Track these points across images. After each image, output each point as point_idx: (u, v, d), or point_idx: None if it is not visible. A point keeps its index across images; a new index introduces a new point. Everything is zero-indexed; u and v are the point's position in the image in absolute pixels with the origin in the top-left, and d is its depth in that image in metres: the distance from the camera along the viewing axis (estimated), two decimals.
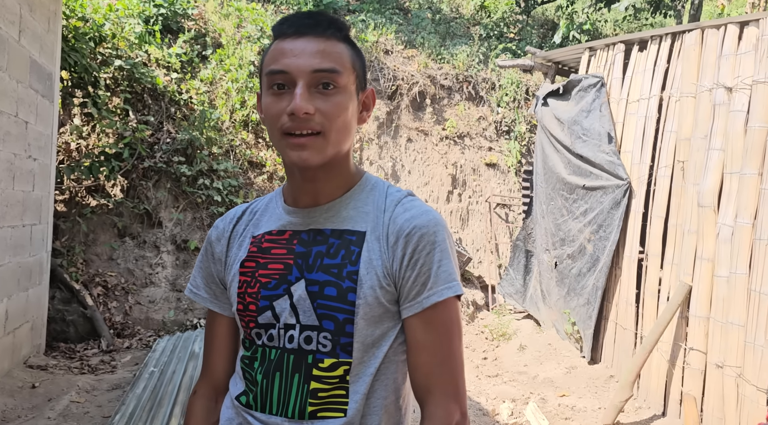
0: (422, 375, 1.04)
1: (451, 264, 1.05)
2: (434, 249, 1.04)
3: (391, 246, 1.05)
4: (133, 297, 5.80)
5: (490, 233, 8.07)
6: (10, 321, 4.22)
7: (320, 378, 1.03)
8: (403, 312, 1.05)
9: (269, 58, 1.04)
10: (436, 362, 1.04)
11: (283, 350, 1.06)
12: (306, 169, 1.05)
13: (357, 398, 1.03)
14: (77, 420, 3.71)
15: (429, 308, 1.03)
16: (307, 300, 1.05)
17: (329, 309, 1.03)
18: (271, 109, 1.03)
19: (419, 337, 1.04)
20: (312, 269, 1.06)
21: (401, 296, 1.05)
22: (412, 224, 1.05)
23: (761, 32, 3.65)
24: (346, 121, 1.05)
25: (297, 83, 1.00)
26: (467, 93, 8.72)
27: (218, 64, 7.06)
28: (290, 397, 1.04)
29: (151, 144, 6.26)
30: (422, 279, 1.03)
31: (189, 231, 6.25)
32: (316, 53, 1.01)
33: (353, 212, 1.10)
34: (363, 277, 1.03)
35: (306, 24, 1.03)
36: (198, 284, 1.24)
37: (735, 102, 3.80)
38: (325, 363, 1.04)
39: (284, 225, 1.13)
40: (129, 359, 5.00)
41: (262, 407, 1.07)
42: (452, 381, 1.04)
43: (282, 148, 1.04)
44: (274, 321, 1.07)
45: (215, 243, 1.21)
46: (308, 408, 1.03)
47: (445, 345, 1.04)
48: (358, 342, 1.03)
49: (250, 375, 1.10)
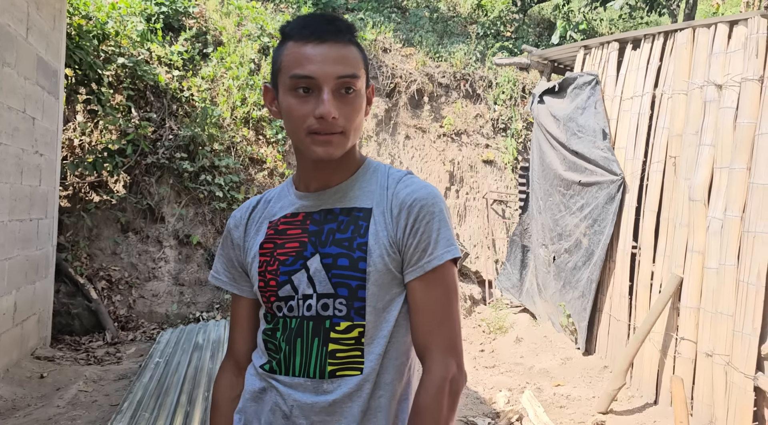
0: (422, 333, 1.15)
1: (449, 232, 1.17)
2: (433, 219, 1.15)
3: (394, 218, 1.16)
4: (137, 291, 5.90)
5: (487, 229, 8.19)
6: (19, 313, 4.32)
7: (337, 340, 1.14)
8: (407, 277, 1.16)
9: (292, 61, 1.13)
10: (435, 321, 1.15)
11: (302, 318, 1.17)
12: (329, 161, 1.16)
13: (372, 358, 1.14)
14: (86, 408, 3.81)
15: (429, 271, 1.14)
16: (323, 271, 1.15)
17: (343, 278, 1.14)
18: (298, 111, 1.13)
19: (420, 298, 1.15)
20: (325, 244, 1.17)
21: (404, 262, 1.16)
22: (412, 197, 1.16)
23: (749, 31, 3.77)
24: (361, 119, 1.17)
25: (323, 88, 1.10)
26: (464, 91, 8.83)
27: (219, 61, 7.15)
28: (311, 359, 1.15)
29: (153, 140, 6.35)
30: (423, 246, 1.14)
31: (191, 226, 6.35)
32: (339, 60, 1.11)
33: (359, 192, 1.21)
34: (372, 247, 1.14)
35: (327, 30, 1.13)
36: (219, 270, 1.35)
37: (725, 99, 3.92)
38: (341, 326, 1.14)
39: (297, 208, 1.24)
40: (134, 351, 5.10)
41: (286, 370, 1.17)
42: (450, 338, 1.15)
43: (307, 144, 1.14)
44: (293, 294, 1.18)
45: (234, 231, 1.32)
46: (328, 367, 1.14)
47: (444, 305, 1.15)
48: (370, 306, 1.14)
49: (273, 345, 1.21)
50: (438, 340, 1.15)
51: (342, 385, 1.15)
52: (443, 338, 1.15)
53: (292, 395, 1.16)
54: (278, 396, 1.18)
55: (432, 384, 1.13)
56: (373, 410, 1.15)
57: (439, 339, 1.15)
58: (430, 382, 1.13)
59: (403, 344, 1.19)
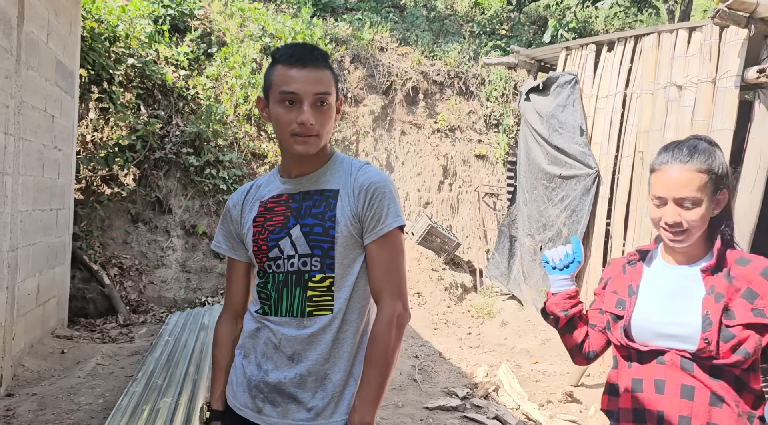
0: (377, 282, 1.54)
1: (397, 207, 1.55)
2: (384, 197, 1.54)
3: (356, 197, 1.54)
4: (147, 278, 6.31)
5: (479, 220, 8.57)
6: (41, 295, 4.73)
7: (314, 288, 1.53)
8: (365, 240, 1.55)
9: (281, 80, 1.51)
10: (386, 274, 1.53)
11: (287, 273, 1.56)
12: (306, 156, 1.55)
13: (340, 301, 1.53)
14: (104, 378, 4.22)
15: (382, 236, 1.53)
16: (302, 237, 1.54)
17: (317, 242, 1.53)
18: (284, 118, 1.52)
19: (375, 256, 1.54)
20: (304, 217, 1.56)
21: (363, 229, 1.54)
22: (369, 181, 1.55)
23: (704, 37, 4.14)
24: (331, 124, 1.56)
25: (303, 102, 1.49)
26: (458, 88, 9.19)
27: (223, 61, 7.54)
28: (294, 303, 1.54)
29: (161, 136, 6.75)
30: (377, 217, 1.53)
31: (197, 217, 6.75)
32: (316, 81, 1.50)
33: (329, 177, 1.60)
34: (339, 219, 1.53)
35: (308, 58, 1.51)
36: (219, 240, 1.74)
37: (684, 99, 4.29)
38: (316, 277, 1.53)
39: (282, 190, 1.63)
40: (144, 331, 5.51)
41: (275, 312, 1.56)
42: (397, 286, 1.54)
43: (290, 143, 1.54)
44: (279, 255, 1.57)
45: (232, 210, 1.71)
46: (307, 309, 1.53)
47: (393, 262, 1.54)
48: (338, 263, 1.53)
49: (264, 294, 1.60)
50: (388, 287, 1.54)
51: (317, 322, 1.53)
52: (392, 286, 1.54)
53: (281, 330, 1.55)
54: (270, 332, 1.57)
55: (384, 319, 1.52)
56: (340, 340, 1.54)
57: (389, 287, 1.54)
58: (382, 317, 1.52)
59: (363, 291, 1.58)
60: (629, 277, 1.63)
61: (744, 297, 1.44)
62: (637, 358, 1.55)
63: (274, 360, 1.55)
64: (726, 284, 1.45)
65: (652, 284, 1.57)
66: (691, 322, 1.45)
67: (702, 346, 1.43)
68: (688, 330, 1.45)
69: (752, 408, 1.46)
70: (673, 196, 1.46)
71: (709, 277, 1.49)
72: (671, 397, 1.47)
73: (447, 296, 7.30)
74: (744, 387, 1.46)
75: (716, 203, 1.51)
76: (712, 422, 1.44)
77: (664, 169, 1.49)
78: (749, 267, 1.48)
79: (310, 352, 1.53)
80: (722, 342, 1.41)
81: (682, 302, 1.49)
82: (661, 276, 1.57)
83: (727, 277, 1.46)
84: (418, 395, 4.37)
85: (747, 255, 1.52)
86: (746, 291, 1.44)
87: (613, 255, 5.07)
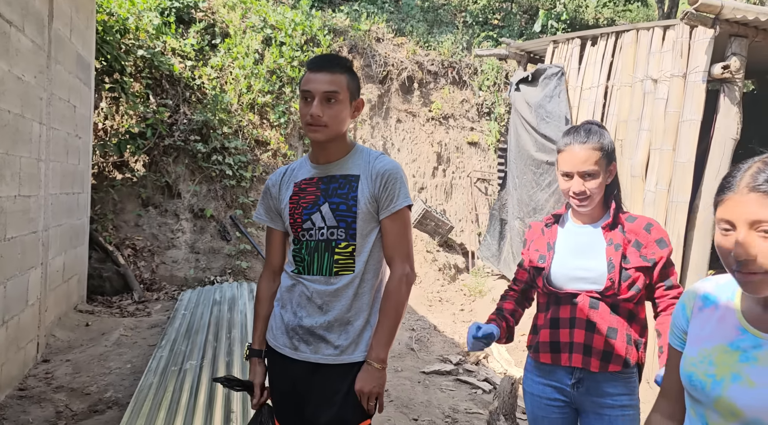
0: (389, 249, 1.94)
1: (406, 190, 1.95)
2: (396, 182, 1.93)
3: (373, 181, 1.93)
4: (159, 258, 6.69)
5: (471, 205, 8.99)
6: (66, 272, 5.11)
7: (339, 253, 1.93)
8: (380, 215, 1.94)
9: (303, 82, 1.91)
10: (396, 242, 1.94)
11: (318, 241, 1.95)
12: (318, 142, 1.94)
13: (360, 264, 1.93)
14: (128, 347, 4.63)
15: (394, 213, 1.93)
16: (330, 213, 1.94)
17: (343, 216, 1.92)
18: (302, 111, 1.92)
19: (388, 229, 1.94)
20: (331, 196, 1.95)
21: (379, 207, 1.93)
22: (384, 169, 1.94)
23: (677, 35, 4.53)
24: (341, 118, 1.92)
25: (314, 98, 1.88)
26: (452, 77, 9.56)
27: (227, 52, 7.86)
28: (323, 265, 1.94)
29: (170, 124, 7.09)
30: (390, 197, 1.92)
31: (205, 201, 7.12)
32: (326, 82, 1.88)
33: (351, 165, 1.98)
34: (359, 198, 1.92)
35: (324, 65, 1.90)
36: (261, 213, 2.13)
37: (658, 91, 4.70)
38: (341, 245, 1.93)
39: (312, 174, 2.02)
40: (159, 307, 5.91)
41: (308, 272, 1.96)
42: (405, 251, 1.94)
43: (306, 131, 1.93)
44: (311, 226, 1.96)
45: (272, 188, 2.10)
46: (333, 269, 1.93)
47: (402, 232, 1.94)
48: (359, 233, 1.92)
49: (299, 257, 1.99)
50: (399, 253, 1.94)
51: (342, 280, 1.93)
52: (402, 252, 1.94)
53: (312, 286, 1.95)
54: (303, 287, 1.97)
55: (395, 278, 1.92)
56: (360, 294, 1.95)
57: (399, 253, 1.94)
58: (394, 277, 1.93)
59: (378, 256, 1.98)
60: (547, 237, 2.05)
61: (634, 246, 1.89)
62: (555, 301, 1.98)
63: (307, 309, 1.95)
64: (621, 237, 1.89)
65: (565, 241, 2.00)
66: (598, 267, 1.89)
67: (608, 285, 1.87)
68: (596, 274, 1.89)
69: (639, 336, 1.92)
70: (577, 170, 1.87)
71: (608, 232, 1.93)
72: (580, 330, 1.92)
73: (441, 276, 7.74)
74: (634, 318, 1.94)
75: (609, 174, 1.93)
76: (609, 348, 1.89)
77: (568, 149, 1.91)
78: (636, 223, 1.93)
79: (335, 303, 1.93)
80: (622, 282, 1.86)
81: (589, 253, 1.93)
82: (572, 235, 2.00)
83: (622, 231, 1.91)
84: (416, 362, 4.80)
85: (633, 215, 1.97)
86: (635, 241, 1.90)
87: None
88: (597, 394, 1.94)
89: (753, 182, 1.05)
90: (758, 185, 1.04)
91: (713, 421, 1.15)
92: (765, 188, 1.04)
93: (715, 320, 1.21)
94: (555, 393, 2.02)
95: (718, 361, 1.15)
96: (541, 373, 2.05)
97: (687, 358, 1.22)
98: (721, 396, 1.11)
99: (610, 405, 1.92)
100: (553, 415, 2.04)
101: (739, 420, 1.09)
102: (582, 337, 1.92)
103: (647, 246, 1.90)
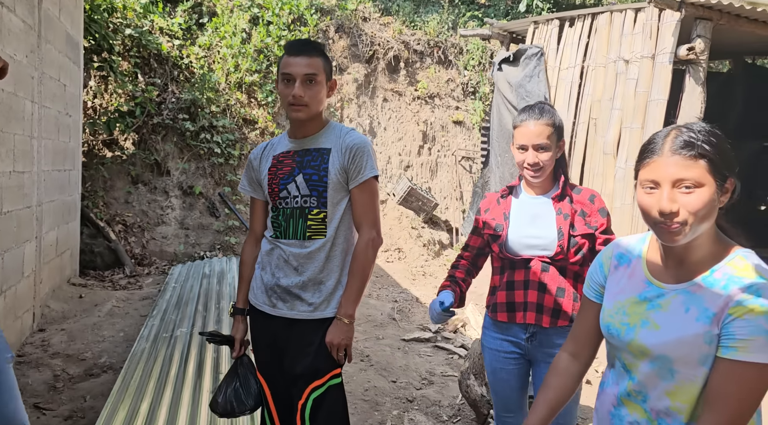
0: (357, 216, 2.14)
1: (373, 162, 2.14)
2: (364, 154, 2.12)
3: (343, 154, 2.12)
4: (149, 234, 6.87)
5: (456, 182, 9.19)
6: (59, 246, 5.28)
7: (312, 219, 2.12)
8: (350, 185, 2.13)
9: (283, 65, 2.09)
10: (364, 209, 2.13)
11: (293, 208, 2.14)
12: (300, 120, 2.12)
13: (331, 229, 2.13)
14: (121, 317, 4.83)
15: (362, 183, 2.12)
16: (304, 183, 2.13)
17: (315, 186, 2.11)
18: (283, 92, 2.09)
19: (356, 197, 2.13)
20: (305, 168, 2.14)
21: (349, 178, 2.13)
22: (353, 143, 2.13)
23: (647, 17, 4.71)
24: (319, 98, 2.11)
25: (296, 80, 2.06)
26: (437, 57, 9.69)
27: (214, 31, 7.95)
28: (298, 229, 2.13)
29: (158, 103, 7.21)
30: (359, 169, 2.11)
31: (194, 178, 7.28)
32: (305, 65, 2.06)
33: (324, 139, 2.17)
34: (330, 169, 2.11)
35: (302, 49, 2.08)
36: (244, 184, 2.32)
37: (629, 72, 4.89)
38: (314, 212, 2.12)
39: (289, 148, 2.21)
40: (151, 281, 6.11)
41: (284, 236, 2.15)
42: (372, 218, 2.14)
43: (288, 111, 2.11)
44: (287, 195, 2.15)
45: (254, 161, 2.29)
46: (307, 234, 2.12)
47: (369, 201, 2.14)
48: (330, 201, 2.12)
49: (276, 223, 2.19)
50: (366, 220, 2.14)
51: (315, 243, 2.13)
52: (369, 219, 2.15)
53: (288, 249, 2.15)
54: (281, 251, 2.17)
55: (362, 242, 2.13)
56: (331, 257, 2.15)
57: (367, 219, 2.14)
58: (361, 241, 2.13)
59: (348, 223, 2.18)
60: (502, 207, 2.26)
61: (580, 215, 2.10)
62: (510, 266, 2.20)
63: (284, 270, 2.16)
64: (569, 206, 2.10)
65: (519, 211, 2.20)
66: (549, 235, 2.11)
67: (557, 251, 2.09)
68: (547, 241, 2.11)
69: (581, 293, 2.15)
70: (531, 143, 2.07)
71: (557, 203, 2.14)
72: (533, 291, 2.14)
73: (425, 251, 7.97)
74: (579, 278, 2.16)
75: (559, 149, 2.14)
76: (558, 306, 2.12)
77: (524, 124, 2.12)
78: (581, 194, 2.14)
79: (309, 265, 2.14)
80: (570, 248, 2.08)
81: (541, 222, 2.14)
82: (525, 205, 2.20)
83: (569, 202, 2.11)
84: (397, 330, 5.04)
85: (579, 186, 2.18)
86: (581, 211, 2.11)
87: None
88: (548, 345, 2.17)
89: (674, 146, 1.24)
90: (678, 149, 1.23)
91: (628, 361, 1.36)
92: (684, 152, 1.22)
93: (627, 276, 1.42)
94: (511, 347, 2.24)
95: (630, 311, 1.36)
96: (498, 330, 2.27)
97: (605, 311, 1.43)
98: (633, 340, 1.32)
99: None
100: (509, 366, 2.27)
101: (648, 357, 1.30)
102: (535, 297, 2.14)
103: (591, 214, 2.11)
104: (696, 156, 1.21)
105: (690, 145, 1.22)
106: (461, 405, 3.66)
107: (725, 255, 1.27)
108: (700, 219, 1.22)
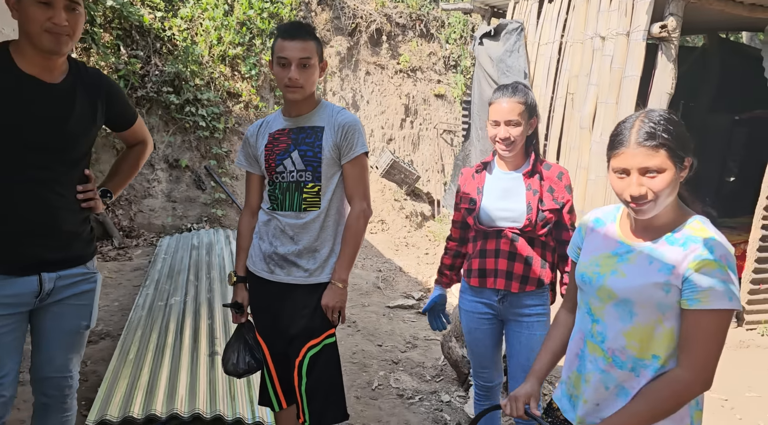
0: (349, 189, 2.31)
1: (363, 139, 2.30)
2: (355, 132, 2.28)
3: (335, 132, 2.28)
4: (136, 206, 6.96)
5: (437, 155, 9.37)
6: None
7: (307, 192, 2.29)
8: (342, 161, 2.30)
9: (278, 48, 2.21)
10: (356, 183, 2.30)
11: (289, 182, 2.30)
12: (296, 101, 2.27)
13: (324, 201, 2.29)
14: (114, 288, 4.97)
15: (353, 159, 2.28)
16: (299, 158, 2.28)
17: (310, 161, 2.27)
18: (279, 75, 2.23)
19: (348, 172, 2.30)
20: (300, 144, 2.29)
21: (341, 154, 2.29)
22: (345, 121, 2.28)
23: None
24: (313, 80, 2.26)
25: (291, 64, 2.19)
26: (419, 30, 9.75)
27: (196, 2, 7.91)
28: (294, 202, 2.30)
29: (142, 76, 7.22)
30: (350, 146, 2.28)
31: (179, 151, 7.35)
32: (301, 49, 2.20)
33: (317, 117, 2.32)
34: (324, 146, 2.27)
35: (297, 33, 2.21)
36: (241, 159, 2.47)
37: (605, 48, 5.06)
38: (309, 185, 2.29)
39: (284, 126, 2.36)
40: (140, 253, 6.23)
41: (281, 208, 2.32)
42: (363, 191, 2.31)
43: (284, 92, 2.25)
44: (283, 170, 2.31)
45: (250, 138, 2.43)
46: (302, 206, 2.29)
47: (360, 175, 2.31)
48: (323, 176, 2.28)
49: (273, 196, 2.35)
50: (357, 193, 2.31)
51: (310, 215, 2.30)
52: (359, 192, 2.32)
53: (285, 220, 2.32)
54: (277, 222, 2.34)
55: (354, 213, 2.30)
56: (325, 227, 2.32)
57: (358, 192, 2.32)
58: (353, 212, 2.31)
59: (340, 196, 2.34)
60: (477, 182, 2.44)
61: (548, 191, 2.30)
62: (483, 236, 2.40)
63: (281, 240, 2.33)
64: (539, 182, 2.30)
65: (492, 185, 2.39)
66: (519, 208, 2.30)
67: (526, 223, 2.29)
68: (517, 214, 2.30)
69: (551, 260, 2.37)
70: (504, 119, 2.25)
71: (528, 179, 2.33)
72: (503, 259, 2.34)
73: (408, 223, 8.17)
74: (546, 246, 2.38)
75: (530, 126, 2.32)
76: (526, 273, 2.33)
77: (498, 101, 2.29)
78: (551, 171, 2.34)
79: (304, 235, 2.31)
80: (538, 221, 2.28)
81: (512, 196, 2.33)
82: (497, 180, 2.39)
83: (540, 178, 2.30)
84: (381, 298, 5.27)
85: (549, 162, 2.37)
86: (549, 187, 2.31)
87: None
88: (518, 306, 2.38)
89: (638, 138, 1.44)
90: (643, 141, 1.43)
91: (594, 305, 1.60)
92: (648, 144, 1.42)
93: (601, 236, 1.66)
94: (485, 309, 2.45)
95: (602, 263, 1.59)
96: (473, 293, 2.48)
97: (581, 264, 1.67)
98: (602, 285, 1.56)
99: (527, 314, 2.38)
100: (484, 326, 2.48)
101: (613, 300, 1.54)
102: (505, 265, 2.34)
103: (558, 191, 2.31)
104: (657, 146, 1.42)
105: (652, 137, 1.43)
106: (443, 366, 3.90)
107: (685, 220, 1.51)
108: (665, 197, 1.45)
